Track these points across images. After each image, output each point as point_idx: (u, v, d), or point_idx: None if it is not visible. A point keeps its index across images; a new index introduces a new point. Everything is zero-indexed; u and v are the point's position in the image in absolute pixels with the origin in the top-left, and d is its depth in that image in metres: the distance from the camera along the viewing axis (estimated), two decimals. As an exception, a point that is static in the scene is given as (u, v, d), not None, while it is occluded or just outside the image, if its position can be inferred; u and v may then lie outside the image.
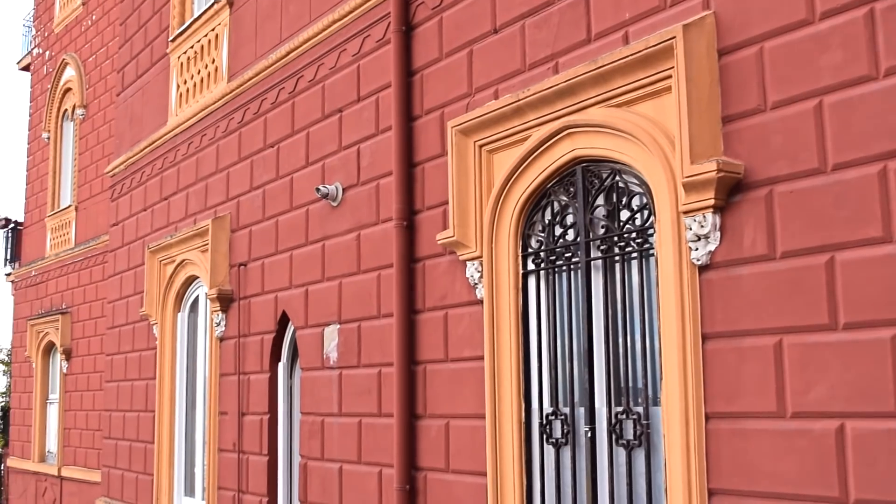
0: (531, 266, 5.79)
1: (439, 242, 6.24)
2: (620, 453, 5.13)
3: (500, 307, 5.83)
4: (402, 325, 6.55)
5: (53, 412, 17.78)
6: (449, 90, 6.47)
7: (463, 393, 6.11)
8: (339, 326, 7.34)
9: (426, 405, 6.43)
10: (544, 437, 5.62)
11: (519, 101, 5.67)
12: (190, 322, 10.27)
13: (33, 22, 21.06)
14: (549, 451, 5.59)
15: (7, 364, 21.94)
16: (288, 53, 8.29)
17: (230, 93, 9.27)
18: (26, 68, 21.47)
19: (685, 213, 4.69)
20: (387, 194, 6.89)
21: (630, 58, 4.97)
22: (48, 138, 19.01)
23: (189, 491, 10.07)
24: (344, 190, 7.41)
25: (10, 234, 20.61)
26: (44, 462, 17.92)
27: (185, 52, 10.49)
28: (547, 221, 5.71)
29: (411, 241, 6.64)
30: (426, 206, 6.57)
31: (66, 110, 18.58)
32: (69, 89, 18.26)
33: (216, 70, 9.81)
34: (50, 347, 17.90)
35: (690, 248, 4.69)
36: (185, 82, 10.46)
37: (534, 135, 5.65)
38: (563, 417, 5.51)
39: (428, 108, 6.64)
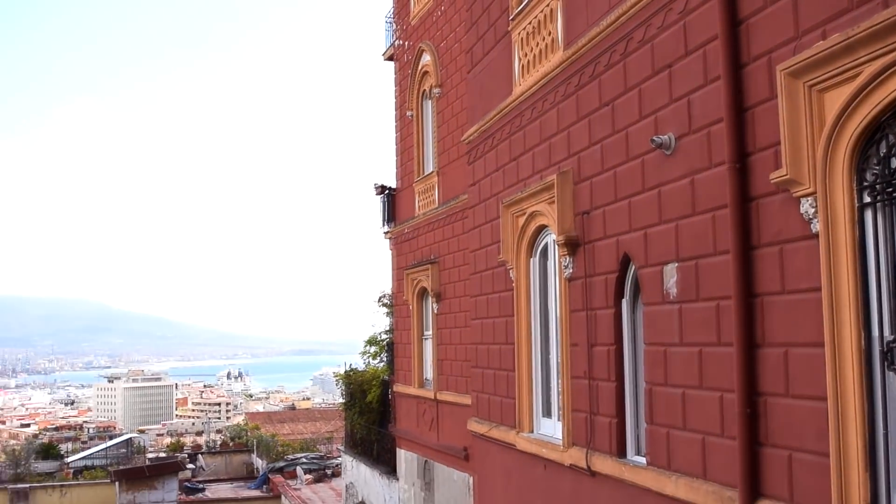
0: (867, 199, 5.43)
1: (773, 181, 6.01)
2: (970, 379, 4.73)
3: (837, 240, 5.54)
4: (739, 260, 6.41)
5: (428, 346, 19.05)
6: (775, 35, 6.18)
7: (800, 322, 5.89)
8: (677, 265, 7.31)
9: (764, 335, 6.26)
10: (886, 364, 5.29)
11: (849, 38, 5.30)
12: (541, 265, 10.65)
13: (394, 18, 22.48)
14: (892, 377, 5.25)
15: (390, 307, 23.90)
16: (617, 18, 8.29)
17: (566, 60, 9.43)
18: (391, 58, 22.97)
19: None
20: (718, 140, 6.73)
21: (970, -17, 4.49)
22: (412, 116, 20.27)
23: (546, 413, 10.50)
24: (677, 139, 7.32)
25: (386, 199, 22.32)
26: (423, 388, 19.23)
27: (524, 28, 10.79)
28: (882, 155, 5.32)
29: (744, 182, 6.45)
30: (757, 149, 6.34)
31: (424, 91, 19.67)
32: (426, 72, 19.29)
33: (553, 41, 10.00)
34: (423, 292, 19.18)
35: None
36: (526, 55, 10.76)
37: (865, 71, 5.27)
38: (906, 344, 5.15)
39: (755, 55, 6.38)
